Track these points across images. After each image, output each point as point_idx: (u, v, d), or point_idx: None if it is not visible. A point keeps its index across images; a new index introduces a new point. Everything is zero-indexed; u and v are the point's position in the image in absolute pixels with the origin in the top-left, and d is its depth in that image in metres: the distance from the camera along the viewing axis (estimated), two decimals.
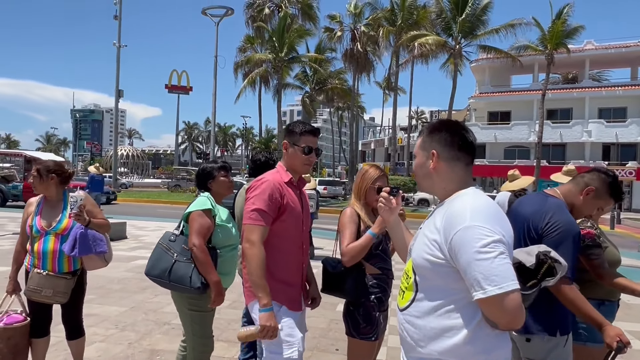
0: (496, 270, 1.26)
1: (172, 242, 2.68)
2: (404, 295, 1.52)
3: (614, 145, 32.81)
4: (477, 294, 1.27)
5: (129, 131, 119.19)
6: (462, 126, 1.53)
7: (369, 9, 34.44)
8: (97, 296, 5.60)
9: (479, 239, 1.28)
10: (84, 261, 3.02)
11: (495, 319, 1.30)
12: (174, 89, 49.12)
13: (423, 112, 68.47)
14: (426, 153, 1.52)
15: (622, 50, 33.18)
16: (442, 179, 1.50)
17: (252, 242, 2.09)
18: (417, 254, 1.46)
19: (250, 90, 36.03)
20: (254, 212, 2.12)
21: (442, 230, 1.38)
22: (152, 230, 12.04)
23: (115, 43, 28.65)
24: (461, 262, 1.30)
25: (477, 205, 1.36)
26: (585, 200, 2.16)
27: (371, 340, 2.43)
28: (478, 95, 37.53)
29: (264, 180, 2.20)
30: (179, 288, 2.61)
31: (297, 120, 2.41)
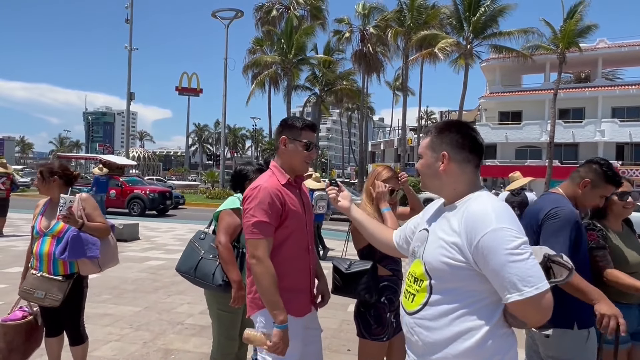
0: (531, 271, 1.27)
1: (202, 239, 2.75)
2: (413, 299, 1.49)
3: (627, 144, 32.29)
4: (513, 296, 1.28)
5: (140, 133, 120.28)
6: (472, 127, 1.54)
7: (377, 11, 34.43)
8: (112, 296, 5.69)
9: (510, 240, 1.29)
10: (78, 265, 2.93)
11: (528, 318, 1.32)
12: (185, 91, 49.48)
13: (433, 113, 68.10)
14: (435, 154, 1.51)
15: (635, 48, 32.66)
16: (453, 180, 1.49)
17: (259, 258, 1.97)
18: (433, 257, 1.43)
19: (260, 92, 36.23)
20: (255, 225, 1.98)
21: (463, 233, 1.36)
22: (164, 232, 12.16)
23: (127, 46, 28.97)
24: (492, 265, 1.30)
25: (499, 208, 1.36)
26: (584, 193, 2.30)
27: (382, 340, 2.44)
28: (489, 95, 37.22)
29: (260, 188, 2.03)
30: (203, 284, 2.67)
31: (293, 116, 2.32)
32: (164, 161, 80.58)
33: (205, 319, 4.81)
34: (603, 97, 32.83)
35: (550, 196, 2.31)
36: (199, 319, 4.90)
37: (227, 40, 28.09)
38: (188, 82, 49.58)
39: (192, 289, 5.44)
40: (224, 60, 28.23)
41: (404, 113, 32.99)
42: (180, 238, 11.01)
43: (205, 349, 3.99)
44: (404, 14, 30.66)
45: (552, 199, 2.25)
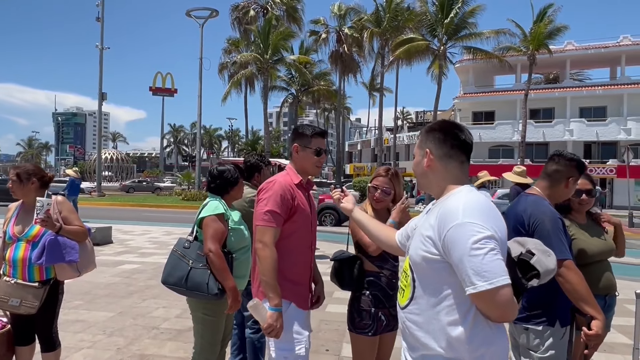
0: (487, 266, 1.29)
1: (186, 248, 2.65)
2: (403, 294, 1.55)
3: (594, 143, 33.48)
4: (469, 289, 1.32)
5: (112, 134, 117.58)
6: (457, 125, 1.57)
7: (353, 12, 34.66)
8: (84, 302, 5.53)
9: (471, 235, 1.32)
10: (56, 270, 2.84)
11: (486, 312, 1.35)
12: (159, 91, 48.61)
13: (409, 113, 68.98)
14: (422, 151, 1.57)
15: (601, 50, 33.88)
16: (437, 177, 1.54)
17: (265, 244, 2.13)
18: (413, 251, 1.50)
19: (236, 92, 35.95)
20: (267, 213, 2.15)
21: (436, 227, 1.41)
22: (139, 235, 11.90)
23: (98, 45, 28.30)
24: (454, 258, 1.35)
25: (469, 202, 1.40)
26: (570, 189, 2.40)
27: (367, 335, 2.46)
28: (462, 96, 37.95)
29: (275, 182, 2.23)
30: (196, 295, 2.59)
31: (304, 123, 2.49)
32: (138, 163, 78.90)
33: (181, 323, 4.73)
34: (571, 97, 33.93)
35: (529, 198, 2.34)
36: (175, 323, 4.82)
37: (202, 40, 27.77)
38: (162, 82, 48.73)
39: (168, 293, 5.31)
40: (199, 60, 27.90)
41: (380, 113, 33.30)
42: (155, 241, 10.80)
43: (181, 354, 3.92)
44: (381, 16, 30.95)
45: (532, 201, 2.29)
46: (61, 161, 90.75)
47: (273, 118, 74.07)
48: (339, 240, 9.86)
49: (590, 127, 32.97)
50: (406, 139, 44.91)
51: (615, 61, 34.33)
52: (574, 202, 2.71)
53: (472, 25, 27.12)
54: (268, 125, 33.76)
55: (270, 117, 57.74)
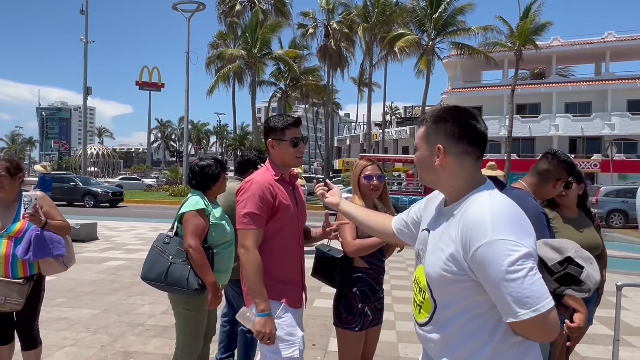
0: (527, 290, 1.13)
1: (166, 244, 2.62)
2: (420, 311, 1.41)
3: (579, 138, 33.94)
4: (509, 318, 1.17)
5: (98, 129, 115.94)
6: (472, 114, 1.34)
7: (341, 6, 34.55)
8: (68, 299, 5.45)
9: (506, 255, 1.14)
10: (41, 265, 2.83)
11: (530, 337, 1.22)
12: (145, 86, 47.99)
13: (397, 108, 69.15)
14: (430, 146, 1.35)
15: (586, 46, 34.28)
16: (450, 175, 1.34)
17: (246, 248, 2.06)
18: (432, 269, 1.32)
19: (224, 87, 35.64)
20: (246, 216, 2.07)
21: (460, 243, 1.24)
22: (125, 231, 11.77)
23: (82, 38, 27.79)
24: (487, 281, 1.19)
25: (497, 212, 1.21)
26: (557, 188, 2.42)
27: (354, 330, 2.46)
28: (450, 91, 38.13)
29: (253, 182, 2.14)
30: (176, 290, 2.57)
31: (275, 115, 2.34)
32: (125, 158, 77.93)
33: (167, 320, 4.69)
34: (557, 93, 34.32)
35: (513, 192, 2.36)
36: (161, 319, 4.77)
37: (189, 34, 27.42)
38: (149, 77, 48.10)
39: (154, 289, 5.27)
40: (186, 54, 27.56)
41: (368, 108, 33.35)
42: (141, 237, 10.69)
43: (166, 350, 3.89)
44: (369, 11, 30.89)
45: (515, 195, 2.29)
46: (46, 157, 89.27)
47: (262, 113, 73.67)
48: None
49: (576, 122, 33.41)
50: (395, 134, 45.02)
51: (599, 57, 34.78)
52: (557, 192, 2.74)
53: (461, 22, 27.24)
54: (256, 121, 33.53)
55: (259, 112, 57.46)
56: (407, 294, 5.91)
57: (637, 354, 4.16)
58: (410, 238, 1.65)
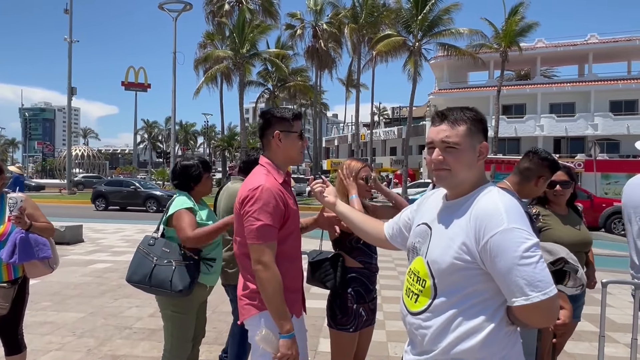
0: (539, 275, 1.22)
1: (151, 245, 2.58)
2: (417, 299, 1.43)
3: (564, 138, 34.48)
4: (519, 300, 1.23)
5: (83, 130, 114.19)
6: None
7: (329, 7, 34.58)
8: (53, 303, 5.35)
9: (521, 242, 1.23)
10: (26, 268, 2.78)
11: (532, 321, 1.30)
12: (131, 86, 47.54)
13: (385, 109, 69.44)
14: (474, 144, 1.39)
15: (569, 48, 34.86)
16: (480, 173, 1.42)
17: (266, 264, 1.85)
18: (439, 257, 1.36)
19: (212, 87, 35.43)
20: (261, 229, 1.86)
21: (472, 231, 1.30)
22: (112, 233, 11.62)
23: (67, 38, 27.41)
24: (499, 267, 1.25)
25: (510, 205, 1.30)
26: (540, 187, 2.46)
27: (349, 331, 2.44)
28: (437, 92, 38.44)
29: (262, 188, 1.90)
30: (160, 292, 2.54)
31: (277, 107, 2.22)
32: (111, 159, 76.88)
33: (155, 322, 4.64)
34: (542, 94, 34.83)
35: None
36: (149, 322, 4.72)
37: (176, 34, 27.21)
38: (135, 77, 47.67)
39: (141, 291, 5.21)
40: (172, 54, 27.34)
41: (356, 109, 33.41)
42: (129, 239, 10.56)
43: (155, 353, 3.84)
44: (357, 12, 30.98)
45: None
46: (29, 158, 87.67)
47: (249, 114, 73.33)
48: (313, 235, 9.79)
49: (560, 122, 33.94)
50: (383, 135, 45.22)
51: (583, 59, 35.39)
52: (549, 193, 2.79)
53: (446, 22, 27.45)
54: (244, 121, 33.38)
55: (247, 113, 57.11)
56: (396, 294, 5.94)
57: (621, 349, 4.23)
58: (402, 242, 1.68)
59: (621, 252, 10.13)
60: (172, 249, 2.56)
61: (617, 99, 33.81)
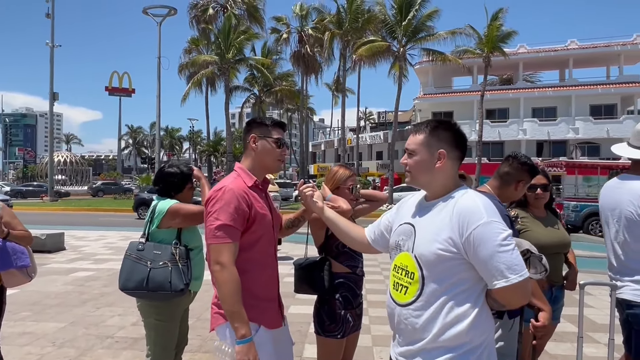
0: (516, 260, 1.40)
1: (140, 251, 2.56)
2: (406, 291, 1.54)
3: (546, 142, 35.11)
4: (500, 283, 1.40)
5: (66, 136, 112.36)
6: (459, 126, 1.64)
7: (315, 12, 34.75)
8: (32, 313, 5.23)
9: (499, 232, 1.41)
10: (3, 277, 2.72)
11: (510, 302, 1.46)
12: (115, 91, 47.02)
13: (371, 113, 69.79)
14: (432, 151, 1.56)
15: (550, 54, 35.61)
16: (444, 176, 1.57)
17: (222, 264, 1.80)
18: (426, 249, 1.50)
19: (197, 93, 35.22)
20: (219, 228, 1.83)
21: (455, 226, 1.45)
22: (94, 240, 11.43)
23: (49, 43, 27.02)
24: (481, 255, 1.41)
25: (486, 203, 1.48)
26: (519, 191, 2.50)
27: (337, 338, 2.43)
28: (422, 97, 38.83)
29: (225, 189, 1.88)
30: (160, 295, 2.51)
31: (261, 116, 2.34)
32: (94, 165, 75.65)
33: (138, 331, 4.57)
34: (524, 98, 35.45)
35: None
36: (131, 331, 4.64)
37: (160, 39, 26.99)
38: (119, 82, 47.16)
39: (124, 300, 5.14)
40: (157, 59, 27.12)
41: (342, 114, 33.52)
42: (112, 246, 10.40)
43: None
44: (342, 17, 31.16)
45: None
46: (10, 165, 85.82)
47: (235, 119, 73.00)
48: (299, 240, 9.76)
49: (542, 126, 34.56)
50: (369, 139, 45.43)
51: (563, 64, 36.15)
52: (530, 196, 2.84)
53: (430, 28, 27.77)
54: (230, 126, 33.23)
55: (233, 118, 56.89)
56: (382, 298, 5.94)
57: (602, 349, 4.30)
58: (384, 245, 1.79)
59: (601, 254, 10.30)
60: (163, 251, 2.55)
61: (597, 104, 34.60)
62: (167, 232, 2.63)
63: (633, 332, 2.35)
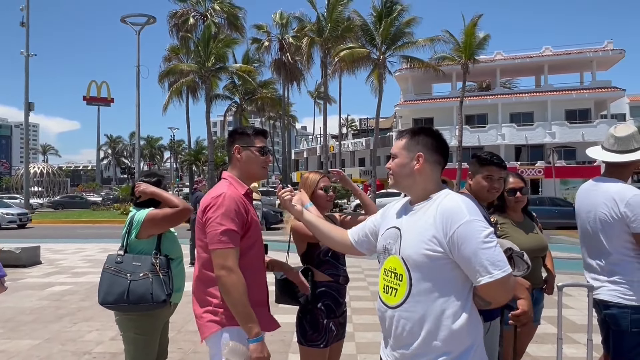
0: (499, 256, 1.44)
1: (119, 263, 2.50)
2: (396, 293, 1.57)
3: (524, 147, 35.85)
4: (484, 279, 1.42)
5: (43, 147, 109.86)
6: (441, 133, 1.69)
7: (295, 21, 34.90)
8: (5, 330, 5.04)
9: (481, 230, 1.45)
10: None
11: (495, 298, 1.48)
12: (93, 101, 46.33)
13: (353, 120, 70.27)
14: (411, 154, 1.62)
15: (526, 60, 36.47)
16: (424, 179, 1.61)
17: (230, 269, 1.85)
18: (413, 251, 1.53)
19: (178, 101, 34.89)
20: (224, 234, 1.88)
21: (440, 226, 1.48)
22: (72, 253, 11.14)
23: (23, 52, 26.48)
24: (465, 253, 1.44)
25: (468, 202, 1.52)
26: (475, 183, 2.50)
27: (319, 347, 2.40)
28: (403, 103, 39.27)
29: (224, 196, 1.95)
30: (141, 307, 2.45)
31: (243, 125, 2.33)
32: (72, 177, 74.19)
33: (117, 346, 4.45)
34: (502, 104, 36.17)
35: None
36: (109, 346, 4.52)
37: (139, 48, 26.69)
38: (97, 91, 46.49)
39: (102, 313, 5.01)
40: (136, 68, 26.79)
41: (324, 121, 33.64)
42: (90, 259, 10.16)
43: None
44: (323, 26, 31.38)
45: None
46: None
47: (217, 127, 72.56)
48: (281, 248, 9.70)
49: (520, 131, 35.29)
50: (351, 146, 45.67)
51: (539, 70, 37.06)
52: (510, 200, 2.86)
53: (408, 35, 28.17)
54: (212, 135, 33.00)
55: (215, 127, 56.53)
56: (366, 305, 5.93)
57: (582, 350, 4.36)
58: (369, 247, 1.84)
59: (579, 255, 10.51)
60: (143, 262, 2.50)
61: (572, 108, 35.53)
62: (146, 243, 2.58)
63: (611, 332, 2.39)
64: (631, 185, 2.36)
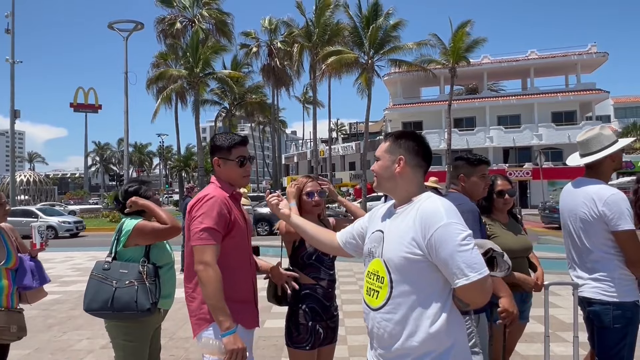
0: (475, 259, 1.45)
1: (106, 270, 2.50)
2: (377, 295, 1.59)
3: (512, 149, 36.28)
4: (461, 281, 1.44)
5: (29, 155, 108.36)
6: (424, 138, 1.72)
7: (284, 26, 35.02)
8: None
9: (458, 233, 1.46)
10: (31, 294, 2.88)
11: (472, 299, 1.49)
12: (81, 108, 45.86)
13: (343, 124, 70.50)
14: (393, 157, 1.65)
15: (512, 64, 37.00)
16: (406, 182, 1.64)
17: (207, 263, 1.97)
18: (393, 254, 1.55)
19: (167, 107, 34.72)
20: (204, 231, 2.01)
21: (419, 229, 1.51)
22: (60, 262, 11.01)
23: (9, 59, 26.16)
24: (442, 255, 1.46)
25: (447, 206, 1.54)
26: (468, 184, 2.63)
27: (305, 349, 2.42)
28: (392, 107, 39.53)
29: (209, 196, 2.09)
30: (125, 315, 2.45)
31: (221, 133, 2.31)
32: (60, 184, 73.08)
33: (108, 354, 4.41)
34: (490, 107, 36.61)
35: (451, 194, 2.58)
36: (100, 354, 4.48)
37: (127, 54, 26.53)
38: (85, 98, 46.03)
39: (93, 322, 4.96)
40: (124, 74, 26.63)
41: (314, 126, 33.71)
42: (79, 268, 10.05)
43: None
44: (311, 31, 31.51)
45: (453, 197, 2.49)
46: None
47: (207, 133, 72.28)
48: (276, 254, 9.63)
49: (508, 133, 35.72)
50: (341, 150, 45.79)
51: (525, 73, 37.60)
52: (498, 202, 2.92)
53: (396, 39, 28.37)
54: (201, 141, 32.86)
55: (204, 132, 56.37)
56: (358, 308, 5.95)
57: (571, 348, 4.40)
58: (356, 249, 1.88)
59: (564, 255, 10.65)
60: (130, 270, 2.50)
61: (558, 111, 36.07)
62: (134, 251, 2.58)
63: (595, 329, 2.44)
64: (609, 186, 2.43)
